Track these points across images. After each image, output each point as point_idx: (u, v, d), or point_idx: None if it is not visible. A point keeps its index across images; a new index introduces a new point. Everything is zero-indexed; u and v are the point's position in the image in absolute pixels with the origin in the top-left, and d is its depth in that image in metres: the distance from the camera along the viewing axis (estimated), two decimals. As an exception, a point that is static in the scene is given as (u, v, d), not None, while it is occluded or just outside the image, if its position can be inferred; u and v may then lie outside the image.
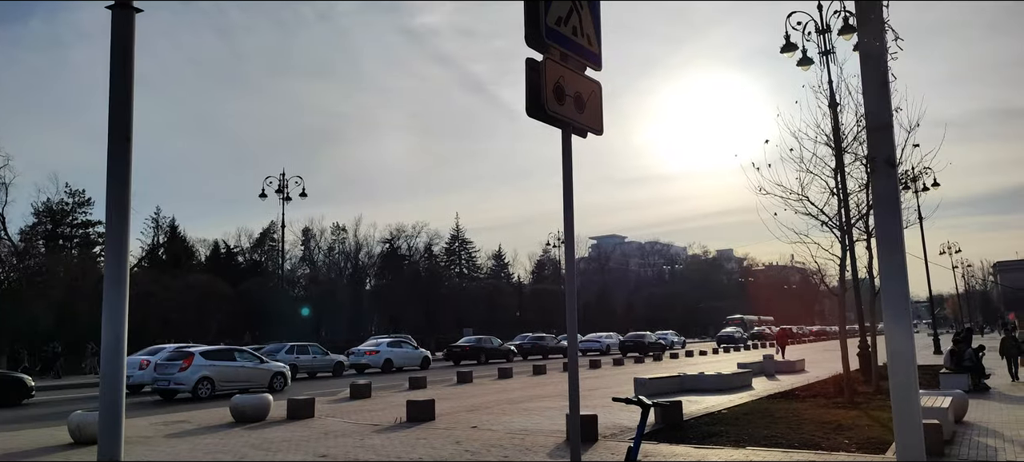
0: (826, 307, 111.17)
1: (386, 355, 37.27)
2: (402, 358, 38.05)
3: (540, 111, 5.92)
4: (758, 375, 24.90)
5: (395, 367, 36.80)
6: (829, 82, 17.85)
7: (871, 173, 3.48)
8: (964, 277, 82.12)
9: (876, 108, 3.67)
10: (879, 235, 3.46)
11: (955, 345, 20.08)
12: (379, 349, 37.76)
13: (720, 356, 46.29)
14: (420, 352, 40.12)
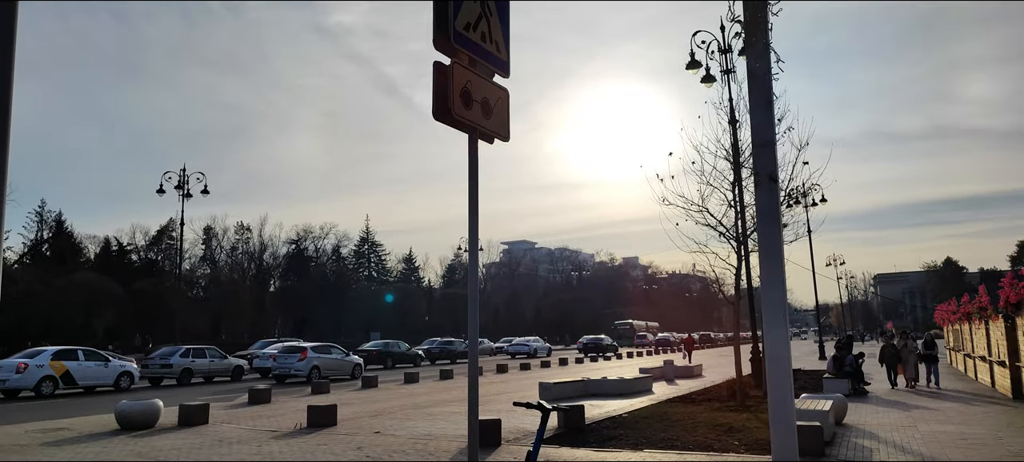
0: (724, 314, 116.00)
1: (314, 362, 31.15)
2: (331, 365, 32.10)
3: (446, 115, 5.92)
4: (659, 380, 25.69)
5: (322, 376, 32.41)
6: (729, 100, 18.66)
7: (756, 187, 3.65)
8: (847, 288, 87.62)
9: (761, 125, 3.85)
10: (761, 246, 3.64)
11: (838, 351, 21.37)
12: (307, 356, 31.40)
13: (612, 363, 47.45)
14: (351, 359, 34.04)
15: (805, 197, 33.53)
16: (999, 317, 17.88)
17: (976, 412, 15.26)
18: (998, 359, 19.09)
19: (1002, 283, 16.13)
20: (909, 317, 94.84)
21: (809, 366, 31.30)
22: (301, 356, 31.03)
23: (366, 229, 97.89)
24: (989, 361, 20.70)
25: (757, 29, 3.95)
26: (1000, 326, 18.05)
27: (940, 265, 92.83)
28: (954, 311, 27.34)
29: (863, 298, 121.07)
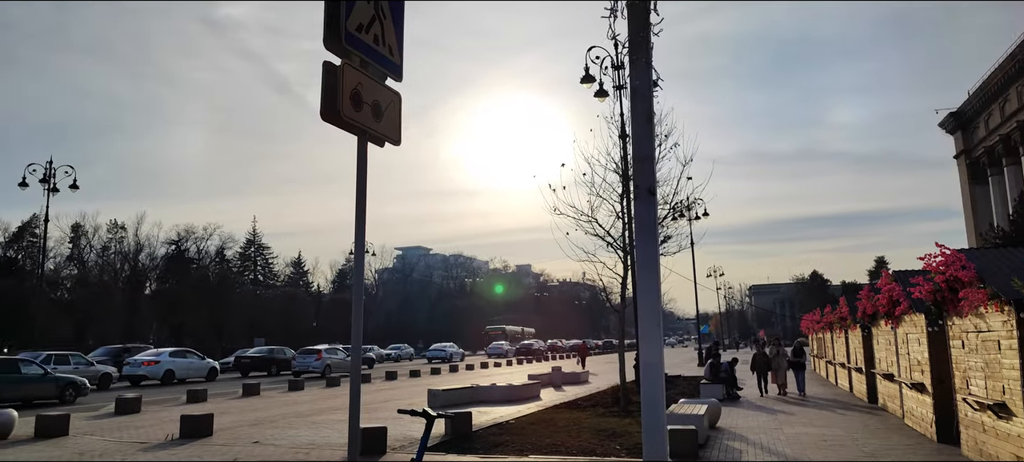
0: (611, 322, 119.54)
1: (167, 366, 33.94)
2: (186, 369, 34.94)
3: (335, 116, 5.79)
4: (547, 386, 26.14)
5: (177, 379, 33.73)
6: (620, 115, 19.30)
7: (635, 199, 3.79)
8: (725, 297, 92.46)
9: (641, 140, 4.01)
10: (638, 257, 3.78)
11: (711, 358, 22.51)
12: (160, 359, 34.35)
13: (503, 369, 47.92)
14: (207, 363, 36.92)
15: (689, 211, 35.28)
16: (857, 327, 19.39)
17: (836, 416, 16.45)
18: (856, 366, 20.68)
19: (860, 295, 17.48)
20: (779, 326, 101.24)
21: (688, 372, 32.78)
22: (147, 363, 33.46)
23: (253, 231, 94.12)
24: (848, 368, 22.40)
25: (639, 48, 4.11)
26: (858, 335, 19.57)
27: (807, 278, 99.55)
28: (818, 321, 29.40)
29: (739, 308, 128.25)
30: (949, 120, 70.45)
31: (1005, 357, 8.90)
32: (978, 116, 64.69)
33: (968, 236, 66.72)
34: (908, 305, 12.64)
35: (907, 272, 14.19)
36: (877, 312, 15.26)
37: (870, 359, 18.52)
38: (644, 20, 4.15)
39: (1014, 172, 57.72)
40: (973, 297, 9.47)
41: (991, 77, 58.95)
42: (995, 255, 10.37)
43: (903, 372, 13.88)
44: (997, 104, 59.85)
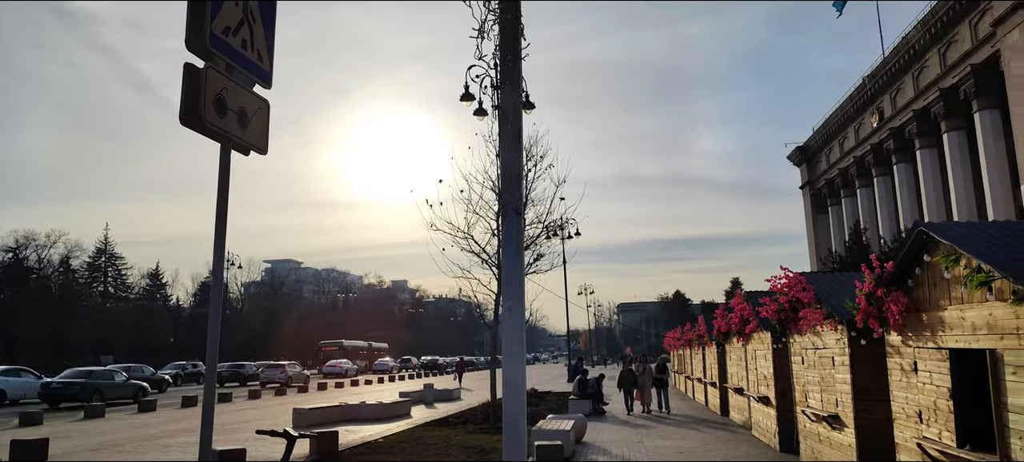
0: (486, 338, 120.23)
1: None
2: (20, 389, 31.51)
3: (196, 121, 5.49)
4: (418, 404, 25.87)
5: (8, 400, 30.52)
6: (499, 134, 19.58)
7: (502, 218, 3.86)
8: (595, 315, 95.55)
9: (510, 160, 4.10)
10: (504, 274, 3.85)
11: (578, 374, 23.16)
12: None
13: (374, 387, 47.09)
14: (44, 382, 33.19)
15: (562, 230, 36.32)
16: (713, 344, 20.61)
17: (692, 429, 17.37)
18: (711, 381, 21.96)
19: (716, 314, 18.61)
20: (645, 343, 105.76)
21: (558, 388, 33.52)
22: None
23: (105, 239, 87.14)
24: (704, 383, 23.73)
25: (508, 71, 4.22)
26: (713, 352, 20.81)
27: (671, 297, 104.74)
28: (679, 338, 30.99)
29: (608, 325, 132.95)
30: (796, 153, 76.78)
31: (838, 372, 9.76)
32: (821, 151, 70.95)
33: (810, 260, 72.80)
34: (757, 323, 13.59)
35: (757, 293, 15.24)
36: (730, 330, 16.30)
37: (724, 374, 19.73)
38: (513, 44, 4.27)
39: (851, 203, 63.65)
40: (811, 317, 10.33)
41: (832, 116, 64.87)
42: (832, 279, 11.36)
43: (752, 386, 14.89)
44: (837, 141, 65.91)
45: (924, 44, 46.89)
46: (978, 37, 41.16)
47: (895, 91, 52.42)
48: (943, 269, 6.70)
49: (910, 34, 47.86)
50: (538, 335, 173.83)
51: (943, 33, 44.78)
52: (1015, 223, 7.96)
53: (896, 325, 7.80)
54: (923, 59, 47.71)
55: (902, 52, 49.53)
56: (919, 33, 46.83)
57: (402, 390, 33.55)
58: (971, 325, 6.33)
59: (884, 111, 54.38)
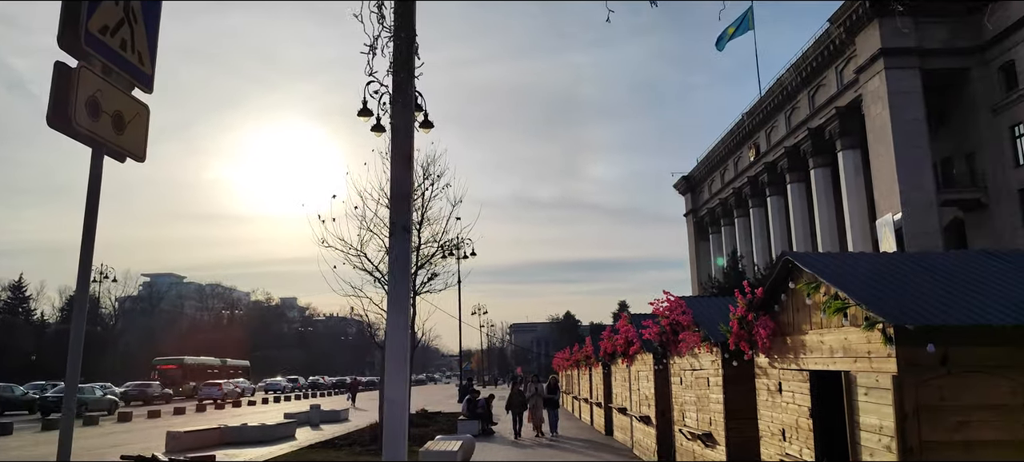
0: (377, 358, 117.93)
1: None
2: None
3: (65, 124, 5.15)
4: (303, 425, 25.03)
5: None
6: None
7: (390, 236, 3.86)
8: (488, 335, 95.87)
9: (400, 178, 4.11)
10: (390, 293, 3.84)
11: (468, 394, 23.16)
12: None
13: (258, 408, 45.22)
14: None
15: (458, 249, 36.38)
16: (599, 364, 21.17)
17: (577, 449, 17.73)
18: (597, 401, 22.51)
19: (603, 335, 19.15)
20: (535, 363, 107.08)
21: (448, 408, 33.34)
22: None
23: (-46, 246, 79.28)
24: (590, 403, 24.29)
25: (401, 89, 4.24)
26: (599, 372, 21.37)
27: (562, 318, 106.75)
28: (568, 359, 31.61)
29: (500, 345, 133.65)
30: (681, 183, 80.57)
31: (712, 392, 10.27)
32: (704, 181, 74.78)
33: (692, 285, 76.28)
34: (640, 345, 14.11)
35: (642, 315, 15.82)
36: (615, 351, 16.82)
37: (609, 394, 20.29)
38: (408, 62, 4.29)
39: (730, 231, 67.33)
40: (690, 339, 10.85)
41: (714, 149, 68.59)
42: (710, 303, 11.98)
43: (634, 406, 15.40)
44: (719, 172, 69.67)
45: (796, 86, 50.54)
46: (843, 82, 44.81)
47: (770, 128, 56.11)
48: (805, 296, 7.22)
49: (784, 76, 51.48)
50: (431, 355, 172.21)
51: (812, 77, 48.45)
52: (870, 254, 8.71)
53: (764, 348, 8.32)
54: (795, 100, 51.39)
55: (776, 93, 53.17)
56: (792, 76, 50.46)
57: (287, 411, 32.34)
58: (829, 348, 6.85)
59: (760, 146, 58.05)
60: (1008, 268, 7.25)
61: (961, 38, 39.12)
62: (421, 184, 20.09)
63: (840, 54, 44.57)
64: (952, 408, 5.56)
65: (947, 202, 40.32)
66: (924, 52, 39.46)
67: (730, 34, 58.13)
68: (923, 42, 39.43)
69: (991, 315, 5.71)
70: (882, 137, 39.88)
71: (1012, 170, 38.33)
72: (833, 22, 43.49)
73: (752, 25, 57.57)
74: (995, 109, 39.18)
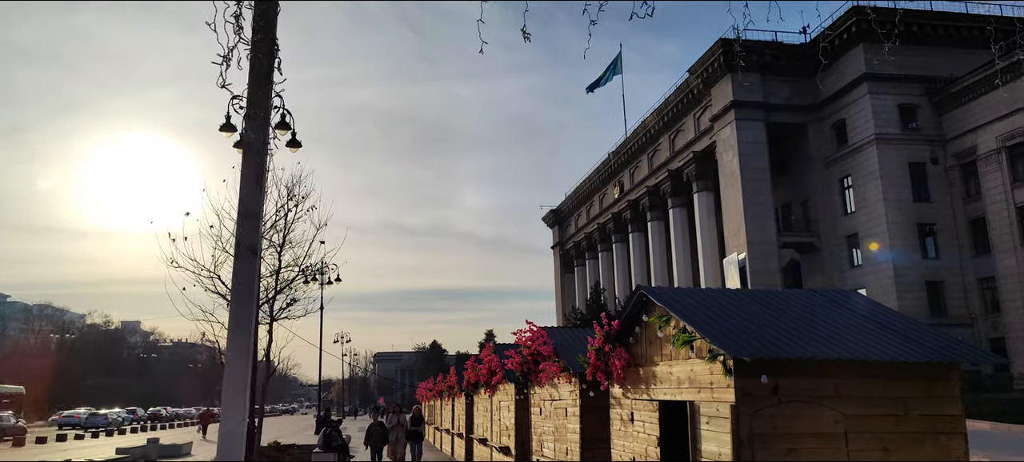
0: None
1: None
2: None
3: None
4: (139, 460, 23.07)
5: None
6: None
7: (235, 257, 3.62)
8: (351, 364, 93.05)
9: (249, 196, 3.88)
10: (232, 316, 3.59)
11: (325, 426, 22.21)
12: None
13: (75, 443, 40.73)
14: None
15: (322, 275, 35.17)
16: (462, 395, 21.05)
17: (437, 478, 17.45)
18: (458, 432, 22.34)
19: (467, 365, 19.07)
20: (399, 393, 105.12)
21: (303, 440, 31.89)
22: None
23: None
24: (452, 434, 24.08)
25: (258, 103, 4.03)
26: (462, 402, 21.24)
27: (428, 347, 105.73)
28: (431, 388, 31.25)
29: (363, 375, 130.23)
30: (550, 216, 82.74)
31: (570, 422, 10.45)
32: (571, 215, 77.18)
33: (557, 316, 78.11)
34: (503, 375, 14.16)
35: (506, 345, 15.91)
36: (479, 381, 16.79)
37: (470, 425, 20.20)
38: (267, 76, 4.09)
39: (593, 265, 69.72)
40: (550, 369, 11.00)
41: (582, 185, 71.09)
42: (571, 334, 12.23)
43: (495, 436, 15.41)
44: (585, 207, 72.19)
45: (658, 130, 53.53)
46: (700, 129, 47.95)
47: (634, 168, 58.96)
48: (657, 328, 7.53)
49: (648, 120, 54.40)
50: (289, 384, 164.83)
51: (673, 122, 51.52)
52: (716, 290, 9.24)
53: (618, 378, 8.58)
54: (657, 142, 54.37)
55: (641, 135, 56.05)
56: (655, 120, 53.42)
57: (120, 446, 29.67)
58: (677, 379, 7.16)
59: (624, 185, 60.81)
60: (833, 306, 7.93)
61: (800, 97, 43.05)
62: (285, 205, 19.31)
63: (698, 103, 47.71)
64: (783, 435, 5.95)
65: (786, 244, 43.94)
66: (769, 106, 43.07)
67: (602, 79, 60.88)
68: (769, 97, 43.05)
69: (817, 349, 6.19)
70: (732, 182, 42.93)
71: (841, 218, 42.40)
72: (692, 73, 46.56)
73: (620, 69, 60.53)
74: (827, 162, 43.30)
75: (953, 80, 39.44)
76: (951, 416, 6.18)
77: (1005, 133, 37.11)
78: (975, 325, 38.72)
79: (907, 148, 40.15)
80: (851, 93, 41.05)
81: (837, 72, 41.67)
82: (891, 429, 6.04)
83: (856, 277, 40.30)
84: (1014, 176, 37.05)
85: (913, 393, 6.17)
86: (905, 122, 40.61)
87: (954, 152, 40.15)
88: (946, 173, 40.50)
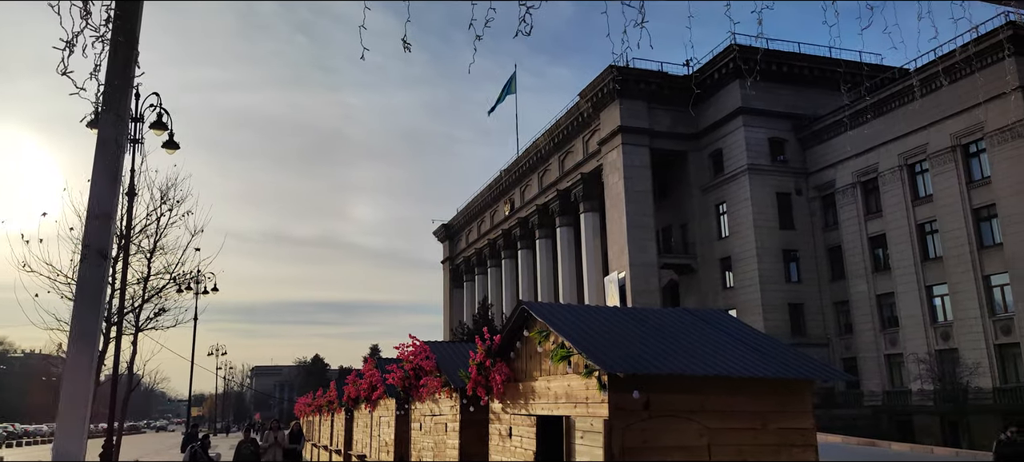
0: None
1: None
2: None
3: None
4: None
5: None
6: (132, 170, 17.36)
7: (82, 261, 3.34)
8: (226, 378, 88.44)
9: (102, 196, 3.61)
10: (74, 326, 3.32)
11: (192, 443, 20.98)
12: None
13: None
14: None
15: (197, 284, 33.31)
16: (342, 410, 20.47)
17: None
18: (336, 448, 21.71)
19: (348, 380, 18.57)
20: (277, 409, 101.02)
21: (168, 458, 30.10)
22: None
23: None
24: (330, 450, 23.37)
25: (115, 97, 3.76)
26: (342, 418, 20.66)
27: (310, 361, 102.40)
28: (310, 404, 30.25)
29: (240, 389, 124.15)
30: (441, 230, 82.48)
31: (449, 438, 10.37)
32: (462, 230, 77.28)
33: (444, 331, 77.80)
34: (383, 390, 13.90)
35: (389, 360, 15.63)
36: (359, 396, 16.40)
37: (349, 441, 19.67)
38: (124, 69, 3.82)
39: (482, 281, 70.03)
40: (431, 384, 10.90)
41: (473, 201, 71.40)
42: (453, 348, 12.17)
43: (373, 452, 15.07)
44: (476, 223, 72.49)
45: (549, 150, 54.68)
46: (588, 151, 49.37)
47: (525, 186, 59.86)
48: (537, 344, 7.62)
49: (539, 140, 55.45)
50: (156, 399, 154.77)
51: (563, 143, 52.78)
52: (596, 307, 9.47)
53: (498, 393, 8.61)
54: (547, 163, 55.50)
55: (532, 154, 57.05)
56: (546, 141, 54.54)
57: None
58: (554, 394, 7.26)
59: (515, 202, 61.60)
60: (705, 325, 8.31)
61: (682, 125, 45.24)
62: (158, 209, 18.30)
63: (587, 126, 49.14)
64: (653, 449, 6.14)
65: (666, 265, 45.89)
66: (654, 133, 45.00)
67: (499, 98, 61.66)
68: (654, 125, 44.98)
69: (686, 366, 6.46)
70: (617, 204, 44.44)
71: (716, 242, 44.76)
72: (582, 97, 47.93)
73: (514, 89, 61.46)
74: (705, 189, 45.67)
75: (816, 118, 42.70)
76: (804, 429, 6.60)
77: (860, 169, 40.51)
78: (831, 345, 41.83)
79: (776, 179, 43.01)
80: (728, 125, 43.57)
81: (716, 104, 44.16)
82: (750, 442, 6.37)
83: (728, 298, 42.62)
84: (867, 209, 40.47)
85: (771, 408, 6.54)
86: (775, 155, 43.51)
87: (816, 185, 43.39)
88: (809, 204, 43.68)
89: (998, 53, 32.18)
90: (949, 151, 35.75)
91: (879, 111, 38.81)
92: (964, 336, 34.65)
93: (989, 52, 32.48)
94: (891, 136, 38.44)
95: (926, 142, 36.77)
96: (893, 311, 38.72)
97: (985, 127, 33.63)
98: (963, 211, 35.07)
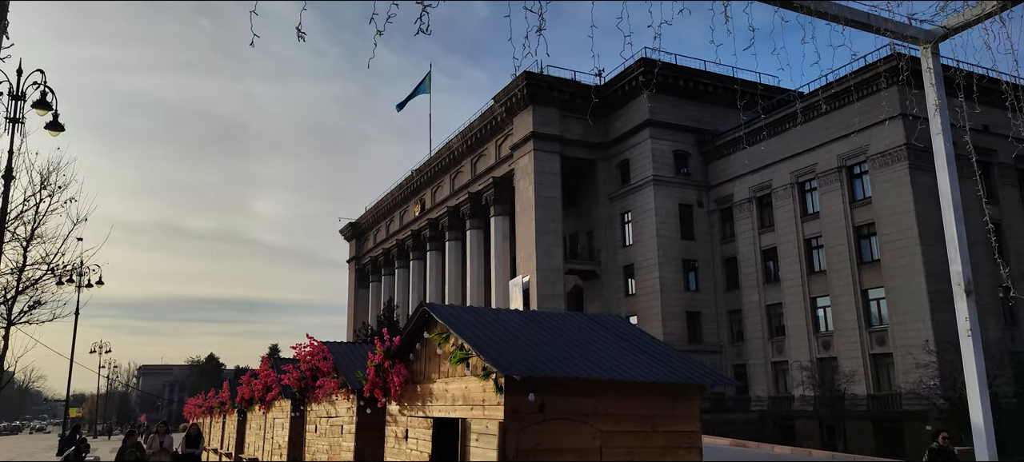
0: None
1: None
2: None
3: None
4: None
5: None
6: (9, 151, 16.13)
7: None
8: (109, 378, 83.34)
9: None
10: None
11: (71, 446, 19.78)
12: None
13: None
14: None
15: (79, 276, 31.26)
16: (235, 411, 19.69)
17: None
18: (227, 452, 20.86)
19: (242, 380, 17.88)
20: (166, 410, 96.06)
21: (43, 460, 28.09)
22: None
23: None
24: (220, 453, 22.43)
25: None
26: (234, 420, 19.87)
27: (203, 360, 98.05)
28: (201, 405, 28.91)
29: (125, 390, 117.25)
30: (348, 229, 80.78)
31: (345, 440, 10.16)
32: (370, 230, 75.99)
33: (348, 331, 76.25)
34: (279, 391, 13.47)
35: (286, 360, 15.14)
36: (253, 397, 15.82)
37: (241, 444, 18.95)
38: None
39: (389, 281, 69.09)
40: (328, 385, 10.64)
41: (383, 200, 70.35)
42: (353, 349, 11.92)
43: (266, 455, 14.57)
44: (384, 223, 71.46)
45: (462, 152, 54.61)
46: (501, 155, 49.62)
47: (436, 187, 59.53)
48: (437, 345, 7.58)
49: (452, 142, 55.29)
50: (31, 398, 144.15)
51: (476, 146, 52.84)
52: (499, 311, 9.50)
53: (396, 395, 8.50)
54: (459, 165, 55.41)
55: (445, 155, 56.81)
56: (459, 142, 54.44)
57: None
58: (452, 396, 7.23)
59: (426, 203, 61.15)
60: (604, 330, 8.48)
61: (593, 134, 46.18)
62: (37, 194, 17.13)
63: (500, 130, 49.40)
64: (547, 451, 6.21)
65: (571, 271, 46.70)
66: (565, 141, 45.74)
67: (411, 95, 61.03)
68: (565, 132, 45.73)
69: (581, 369, 6.57)
70: (527, 209, 44.88)
71: (620, 249, 45.95)
72: (496, 101, 48.15)
73: (429, 88, 61.05)
74: (612, 197, 46.80)
75: (718, 134, 44.59)
76: (690, 432, 6.84)
77: (756, 185, 42.60)
78: (724, 352, 43.72)
79: (679, 191, 44.59)
80: (636, 136, 44.84)
81: (626, 115, 45.38)
82: (640, 444, 6.55)
83: (630, 304, 43.82)
84: (761, 222, 42.58)
85: (660, 411, 6.75)
86: (679, 167, 45.11)
87: (716, 198, 45.30)
88: (709, 216, 45.53)
89: (879, 83, 34.65)
90: (835, 172, 38.12)
91: (775, 130, 40.93)
92: (843, 346, 37.00)
93: (873, 80, 34.92)
94: (785, 154, 40.61)
95: (815, 162, 39.07)
96: (781, 320, 40.86)
97: (868, 150, 36.08)
98: (846, 228, 37.46)
